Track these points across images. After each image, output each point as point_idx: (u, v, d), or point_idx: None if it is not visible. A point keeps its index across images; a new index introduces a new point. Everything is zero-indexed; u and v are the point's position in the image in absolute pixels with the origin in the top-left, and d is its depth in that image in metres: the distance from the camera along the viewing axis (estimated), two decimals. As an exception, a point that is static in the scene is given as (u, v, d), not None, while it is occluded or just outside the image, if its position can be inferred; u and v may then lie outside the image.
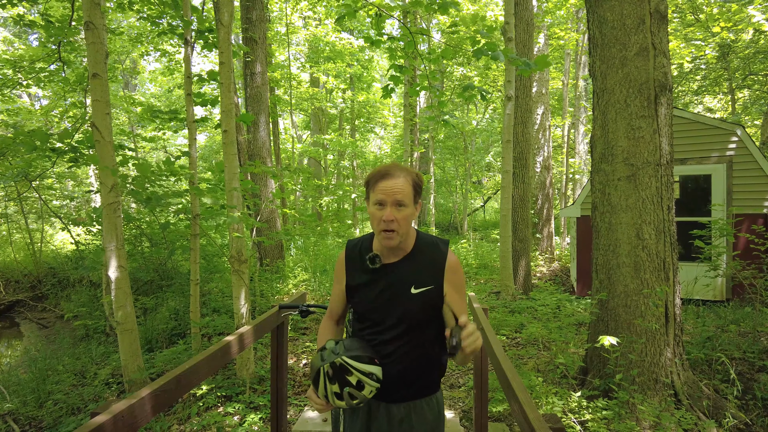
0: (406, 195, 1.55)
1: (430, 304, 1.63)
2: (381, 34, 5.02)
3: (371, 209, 1.58)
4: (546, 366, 4.44)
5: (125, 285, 4.00)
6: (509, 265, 7.09)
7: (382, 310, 1.64)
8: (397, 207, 1.54)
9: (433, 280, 1.64)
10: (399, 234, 1.56)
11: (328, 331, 1.82)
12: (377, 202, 1.55)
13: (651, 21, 3.64)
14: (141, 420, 1.61)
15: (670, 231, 3.66)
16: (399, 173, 1.56)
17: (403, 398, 1.66)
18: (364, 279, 1.68)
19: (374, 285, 1.67)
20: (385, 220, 1.53)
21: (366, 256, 1.66)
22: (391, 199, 1.53)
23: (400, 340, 1.63)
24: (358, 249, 1.74)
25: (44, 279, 10.50)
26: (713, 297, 7.03)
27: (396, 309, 1.63)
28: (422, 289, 1.63)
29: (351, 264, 1.74)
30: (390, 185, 1.54)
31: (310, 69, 17.15)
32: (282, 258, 9.10)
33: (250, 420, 3.77)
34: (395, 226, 1.54)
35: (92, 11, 3.84)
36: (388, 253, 1.66)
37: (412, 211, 1.58)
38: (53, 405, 4.35)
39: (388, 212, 1.53)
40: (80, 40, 7.61)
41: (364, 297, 1.68)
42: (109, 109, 3.98)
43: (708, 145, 7.10)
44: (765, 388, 3.65)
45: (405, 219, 1.55)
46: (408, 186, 1.56)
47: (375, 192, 1.56)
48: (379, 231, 1.56)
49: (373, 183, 1.57)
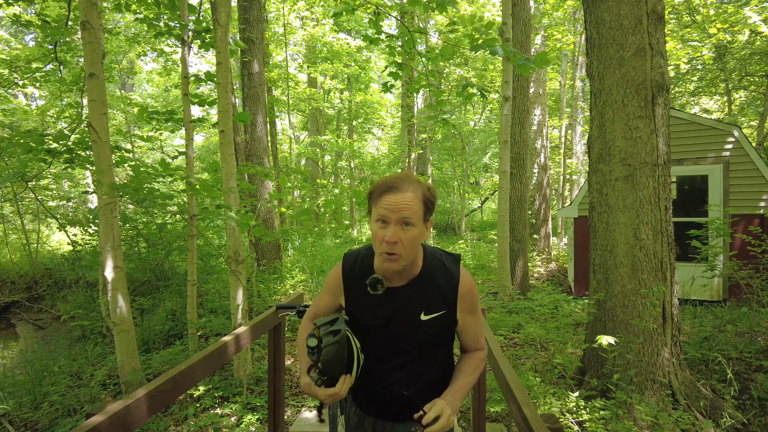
0: (414, 213, 1.32)
1: (442, 330, 1.48)
2: (379, 33, 5.02)
3: (373, 226, 1.36)
4: (544, 366, 4.44)
5: (122, 286, 3.99)
6: (507, 266, 7.09)
7: (387, 338, 1.47)
8: (403, 226, 1.32)
9: (446, 304, 1.46)
10: (403, 258, 1.34)
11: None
12: (380, 218, 1.33)
13: (648, 21, 3.65)
14: (137, 421, 1.60)
15: (668, 231, 3.67)
16: (407, 187, 1.34)
17: (410, 418, 1.51)
18: (365, 303, 1.48)
19: (377, 310, 1.47)
20: (388, 241, 1.31)
21: (366, 279, 1.44)
22: (396, 217, 1.31)
23: (407, 367, 1.48)
24: (357, 267, 1.51)
25: (41, 280, 10.45)
26: (710, 297, 7.05)
27: (403, 337, 1.46)
28: (433, 315, 1.45)
29: (349, 284, 1.52)
30: (395, 200, 1.31)
31: (307, 69, 17.15)
32: (279, 258, 9.08)
33: (248, 421, 3.75)
34: (399, 249, 1.32)
35: (89, 11, 3.83)
36: (392, 275, 1.44)
37: (421, 231, 1.35)
38: (49, 407, 4.32)
39: (391, 232, 1.30)
40: (77, 40, 7.59)
41: (365, 322, 1.49)
42: (106, 110, 3.97)
43: (705, 146, 7.12)
44: (762, 387, 3.66)
45: (411, 241, 1.32)
46: (417, 202, 1.33)
47: (378, 206, 1.34)
48: (380, 252, 1.35)
49: (377, 196, 1.35)
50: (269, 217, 8.67)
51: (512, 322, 5.97)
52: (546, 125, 13.00)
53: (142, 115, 5.30)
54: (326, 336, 1.35)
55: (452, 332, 1.53)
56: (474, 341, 1.58)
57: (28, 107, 12.27)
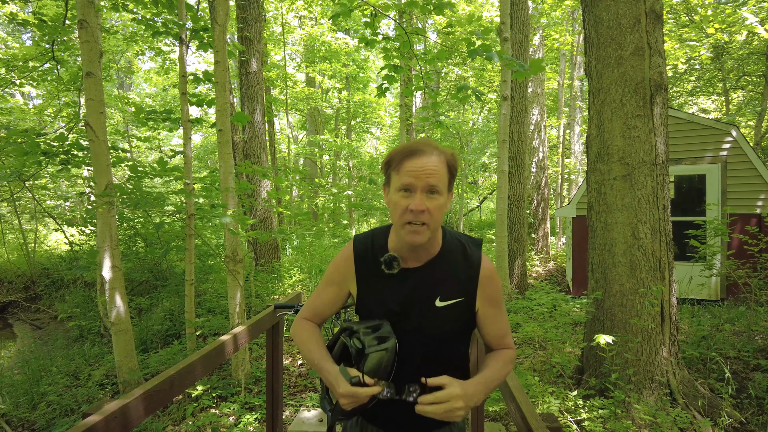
0: (441, 179, 1.21)
1: (459, 320, 1.33)
2: (376, 34, 5.01)
3: (394, 196, 1.23)
4: (542, 365, 4.44)
5: (120, 285, 3.97)
6: (505, 265, 7.09)
7: (400, 328, 1.32)
8: (429, 194, 1.20)
9: (464, 292, 1.32)
10: (430, 229, 1.21)
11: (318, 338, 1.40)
12: (404, 186, 1.20)
13: (646, 21, 3.65)
14: (134, 420, 1.60)
15: (666, 230, 3.67)
16: (431, 150, 1.22)
17: (420, 429, 1.36)
18: (377, 287, 1.35)
19: (390, 295, 1.33)
20: (414, 209, 1.18)
21: (381, 257, 1.32)
22: (423, 183, 1.18)
23: (417, 361, 1.32)
24: (370, 247, 1.37)
25: (38, 280, 10.41)
26: (708, 296, 7.06)
27: (416, 326, 1.31)
28: (450, 302, 1.31)
29: (362, 266, 1.37)
30: (421, 165, 1.19)
31: (305, 69, 17.12)
32: (278, 258, 9.07)
33: (246, 420, 3.75)
34: (426, 218, 1.19)
35: (86, 10, 3.82)
36: (408, 254, 1.31)
37: (446, 201, 1.24)
38: (46, 407, 4.31)
39: (417, 200, 1.18)
40: (74, 39, 7.56)
41: (375, 309, 1.34)
42: (104, 109, 3.96)
43: (703, 146, 7.13)
44: (760, 386, 3.66)
45: (438, 210, 1.20)
46: (443, 167, 1.22)
47: (401, 173, 1.21)
48: (404, 223, 1.21)
49: (398, 162, 1.22)
50: (267, 217, 8.66)
51: (510, 321, 5.96)
52: (544, 125, 13.02)
53: (139, 115, 5.28)
54: (369, 340, 1.23)
55: (470, 326, 1.38)
56: (499, 338, 1.40)
57: (25, 106, 12.23)
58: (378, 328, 1.27)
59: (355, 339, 1.25)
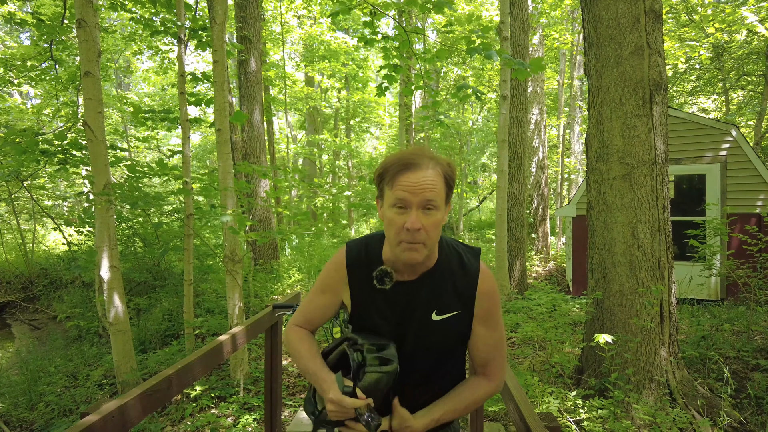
0: (438, 194, 1.13)
1: (457, 332, 1.27)
2: (375, 33, 5.00)
3: (388, 212, 1.16)
4: (541, 365, 4.43)
5: (118, 285, 3.96)
6: (505, 265, 7.09)
7: (393, 340, 1.27)
8: (425, 210, 1.13)
9: (462, 305, 1.26)
10: (426, 247, 1.15)
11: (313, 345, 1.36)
12: (397, 202, 1.13)
13: (646, 20, 3.65)
14: (132, 420, 1.59)
15: (666, 230, 3.66)
16: (427, 163, 1.14)
17: None
18: (371, 298, 1.29)
19: (383, 307, 1.27)
20: (410, 228, 1.11)
21: (373, 271, 1.26)
22: (418, 200, 1.11)
23: (413, 375, 1.27)
24: (363, 257, 1.30)
25: (36, 280, 10.40)
26: (708, 296, 7.06)
27: (411, 340, 1.26)
28: (447, 316, 1.25)
29: (354, 276, 1.30)
30: (416, 180, 1.11)
31: (304, 68, 17.11)
32: (277, 258, 9.06)
33: (244, 421, 3.74)
34: (422, 236, 1.12)
35: (84, 9, 3.80)
36: (404, 267, 1.25)
37: (443, 216, 1.17)
38: (45, 407, 4.30)
39: (413, 218, 1.11)
40: (72, 39, 7.54)
41: (368, 321, 1.29)
42: (102, 108, 3.94)
43: (702, 145, 7.13)
44: (759, 386, 3.66)
45: (435, 226, 1.14)
46: (439, 181, 1.14)
47: (394, 188, 1.13)
48: (398, 242, 1.14)
49: (392, 175, 1.15)
50: (266, 217, 8.65)
51: (510, 321, 5.96)
52: (544, 124, 13.02)
53: (137, 115, 5.27)
54: (372, 358, 1.18)
55: (466, 339, 1.31)
56: (483, 363, 1.32)
57: (23, 106, 12.21)
58: (383, 348, 1.23)
59: (358, 353, 1.21)
